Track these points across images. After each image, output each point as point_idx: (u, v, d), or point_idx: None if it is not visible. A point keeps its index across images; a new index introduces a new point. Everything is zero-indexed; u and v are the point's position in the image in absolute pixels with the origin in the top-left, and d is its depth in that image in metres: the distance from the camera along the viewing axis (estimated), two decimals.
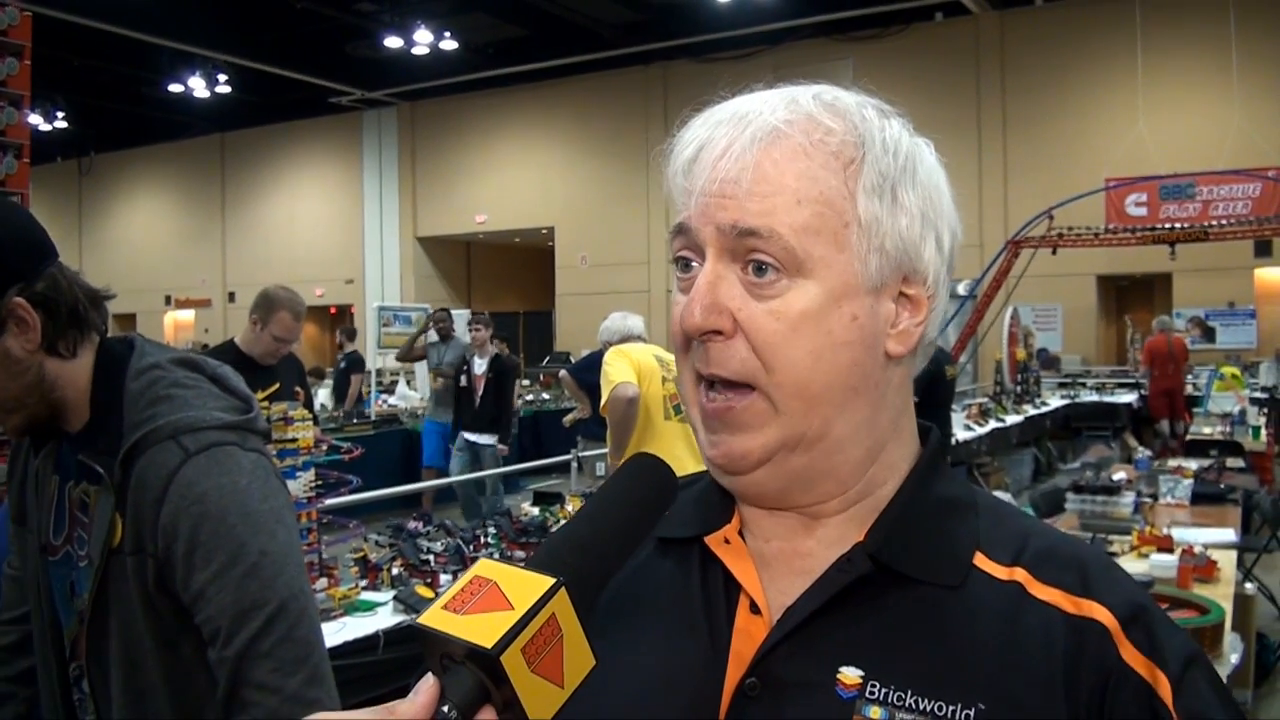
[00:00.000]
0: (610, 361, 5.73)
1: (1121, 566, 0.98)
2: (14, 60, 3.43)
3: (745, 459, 0.92)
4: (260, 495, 1.70)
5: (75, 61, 21.67)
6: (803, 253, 0.89)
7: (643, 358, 5.78)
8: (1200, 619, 3.65)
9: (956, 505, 0.97)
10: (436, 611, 0.76)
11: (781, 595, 0.92)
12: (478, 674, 0.73)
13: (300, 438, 4.09)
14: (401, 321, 15.64)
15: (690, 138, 0.95)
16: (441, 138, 27.24)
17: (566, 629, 0.76)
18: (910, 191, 0.94)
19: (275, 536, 1.68)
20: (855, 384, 0.92)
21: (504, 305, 28.77)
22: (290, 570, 1.69)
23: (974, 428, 11.35)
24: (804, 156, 0.90)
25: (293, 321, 5.00)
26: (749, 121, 0.91)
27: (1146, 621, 0.88)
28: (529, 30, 21.89)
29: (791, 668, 0.88)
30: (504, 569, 0.78)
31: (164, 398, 1.73)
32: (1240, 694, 5.13)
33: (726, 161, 0.90)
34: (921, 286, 0.95)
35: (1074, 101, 19.75)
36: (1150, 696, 0.84)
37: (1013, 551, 0.93)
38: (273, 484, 1.76)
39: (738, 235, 0.89)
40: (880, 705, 0.85)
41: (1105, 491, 6.08)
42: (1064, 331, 20.03)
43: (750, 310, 0.89)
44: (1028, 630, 0.87)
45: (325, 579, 4.19)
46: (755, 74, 0.98)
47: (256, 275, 26.09)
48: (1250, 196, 16.78)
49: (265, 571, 1.64)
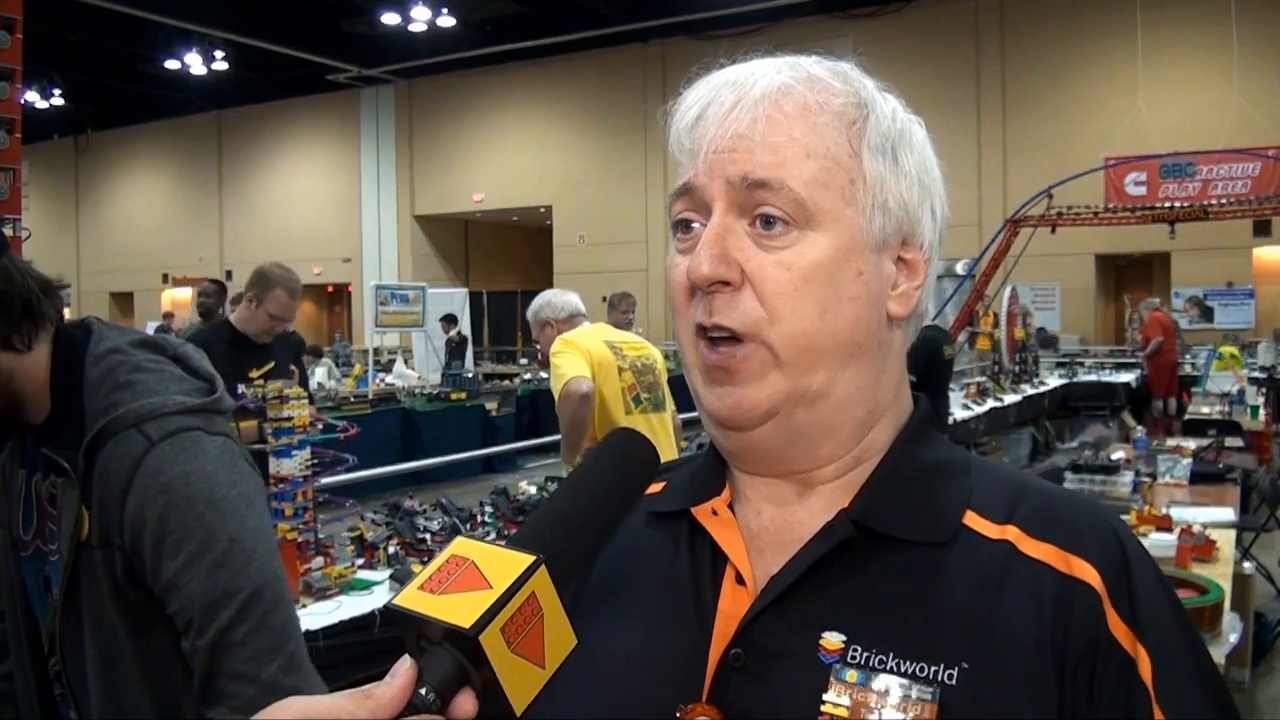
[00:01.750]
0: (559, 353, 4.96)
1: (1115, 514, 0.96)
2: (4, 33, 3.40)
3: (753, 410, 0.91)
4: (228, 481, 1.67)
5: (71, 39, 21.62)
6: (813, 205, 0.90)
7: (594, 346, 5.00)
8: (1199, 599, 3.65)
9: (947, 467, 0.97)
10: (412, 592, 0.74)
11: (768, 566, 0.92)
12: (456, 655, 0.71)
13: (296, 416, 4.07)
14: (399, 300, 15.60)
15: (694, 99, 0.95)
16: (439, 115, 27.20)
17: (547, 608, 0.74)
18: (909, 156, 0.96)
19: (245, 523, 1.65)
20: (860, 340, 0.92)
21: (502, 284, 28.78)
22: (262, 556, 1.65)
23: (972, 407, 11.32)
24: (811, 113, 0.92)
25: (288, 300, 4.97)
26: (755, 81, 0.92)
27: (1129, 584, 0.88)
28: (527, 7, 21.84)
29: (775, 637, 0.88)
30: (482, 547, 0.76)
31: (125, 384, 1.69)
32: (1238, 672, 5.15)
33: (737, 113, 0.91)
34: (919, 251, 0.97)
35: (1073, 80, 19.72)
36: (1131, 672, 0.84)
37: (1006, 509, 0.92)
38: (241, 467, 1.72)
39: (748, 187, 0.90)
40: (859, 669, 0.85)
41: (1104, 471, 6.07)
42: (1062, 311, 20.04)
43: (759, 261, 0.90)
44: (1016, 590, 0.87)
45: (321, 558, 4.18)
46: (754, 51, 0.98)
47: (254, 253, 26.09)
48: (1250, 176, 16.77)
49: (236, 559, 1.61)
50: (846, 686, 0.84)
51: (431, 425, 12.38)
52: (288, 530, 4.00)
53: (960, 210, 20.51)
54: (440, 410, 12.72)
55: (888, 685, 0.84)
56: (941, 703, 0.82)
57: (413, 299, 15.75)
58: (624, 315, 8.39)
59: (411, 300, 15.72)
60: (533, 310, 5.30)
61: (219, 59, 23.34)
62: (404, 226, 28.19)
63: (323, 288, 30.44)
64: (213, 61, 23.39)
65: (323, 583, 4.08)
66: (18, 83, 3.48)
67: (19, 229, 3.49)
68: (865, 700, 0.83)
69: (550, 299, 5.29)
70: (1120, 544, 0.90)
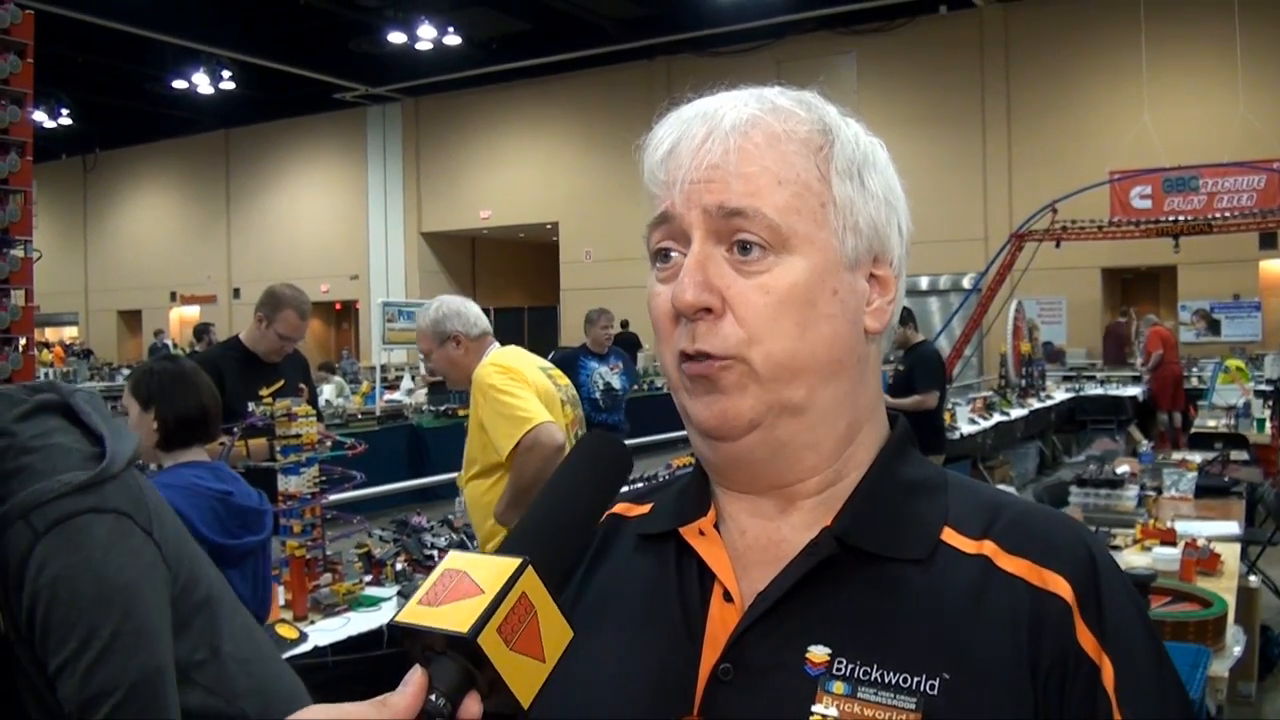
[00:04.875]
0: (508, 387, 3.94)
1: (1086, 526, 1.01)
2: (16, 58, 3.44)
3: (738, 419, 0.94)
4: (116, 568, 1.66)
5: (80, 59, 21.74)
6: (787, 229, 0.93)
7: (536, 377, 4.11)
8: (1202, 612, 3.65)
9: (925, 485, 1.00)
10: (413, 608, 0.78)
11: (754, 583, 0.95)
12: (460, 660, 0.76)
13: (304, 434, 4.10)
14: (406, 317, 15.63)
15: (664, 133, 0.99)
16: (446, 133, 27.27)
17: (539, 605, 0.79)
18: (874, 177, 0.99)
19: (129, 614, 1.65)
20: (839, 356, 0.96)
21: (509, 300, 28.81)
22: (145, 648, 1.66)
23: (978, 421, 11.31)
24: (780, 142, 0.95)
25: (298, 320, 5.00)
26: (723, 114, 0.96)
27: (1097, 596, 0.91)
28: (532, 25, 21.92)
29: (762, 651, 0.91)
30: (472, 558, 0.81)
31: (13, 471, 1.67)
32: (1244, 687, 5.14)
33: (709, 145, 0.94)
34: (889, 267, 1.00)
35: (1078, 94, 19.73)
36: (1095, 680, 0.88)
37: (982, 524, 0.96)
38: (132, 545, 1.71)
39: (724, 216, 0.93)
40: (845, 680, 0.88)
41: (1109, 485, 6.06)
42: (1068, 324, 20.00)
43: (739, 287, 0.93)
44: (993, 603, 0.90)
45: (330, 574, 4.20)
46: (758, 67, 1.02)
47: (261, 271, 26.18)
48: (1255, 189, 16.75)
49: (116, 655, 1.62)
50: (834, 698, 0.87)
51: (438, 442, 12.38)
52: (296, 547, 4.03)
53: (965, 225, 20.61)
54: (447, 426, 12.70)
55: (872, 696, 0.87)
56: (924, 712, 0.85)
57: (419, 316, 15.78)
58: (604, 331, 8.29)
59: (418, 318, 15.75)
60: (432, 320, 4.24)
61: (226, 78, 23.43)
62: (411, 243, 28.24)
63: (330, 305, 30.48)
64: (220, 81, 23.47)
65: (331, 599, 4.11)
66: (28, 106, 3.52)
67: (30, 250, 3.52)
68: (852, 711, 0.86)
69: (459, 308, 4.26)
70: (1092, 557, 0.94)
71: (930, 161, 20.35)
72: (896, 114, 20.54)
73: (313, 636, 3.78)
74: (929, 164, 20.26)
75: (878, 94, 20.77)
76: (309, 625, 3.90)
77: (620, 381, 8.14)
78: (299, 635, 3.71)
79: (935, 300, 20.48)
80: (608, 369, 8.08)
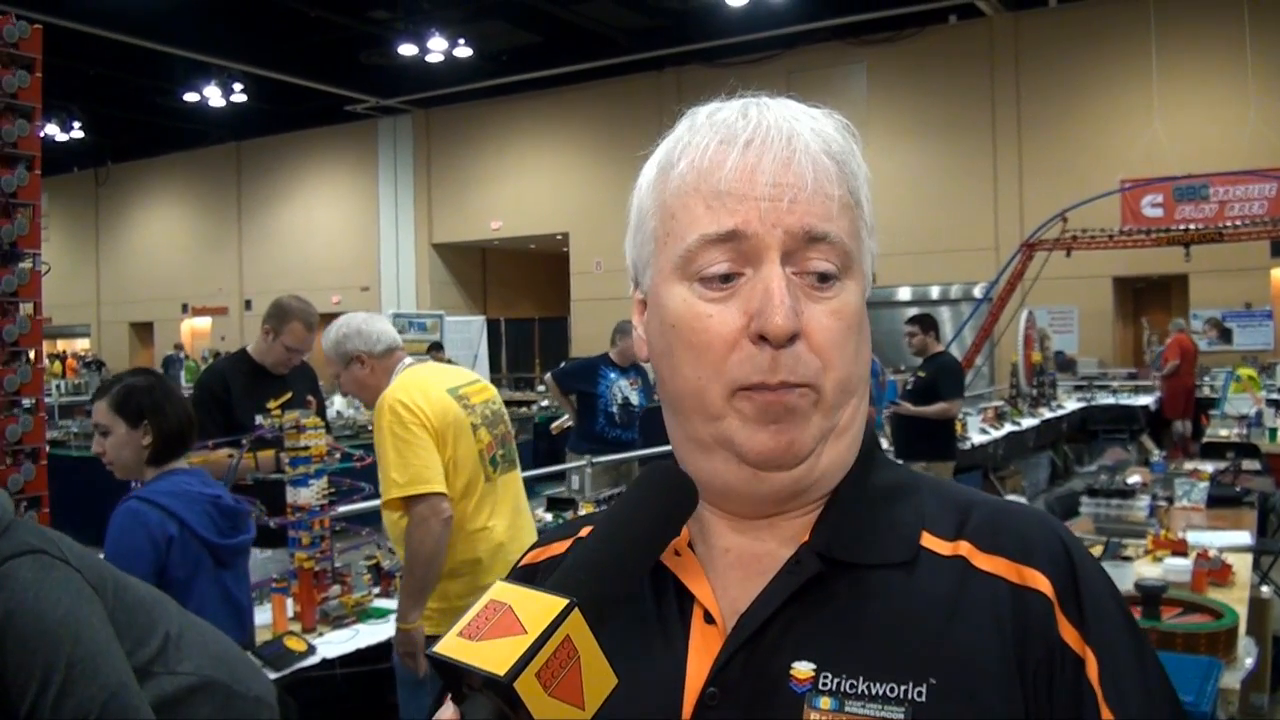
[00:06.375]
0: (403, 436, 3.64)
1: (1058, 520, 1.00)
2: (25, 73, 3.46)
3: (803, 448, 0.92)
4: (51, 601, 1.69)
5: (91, 72, 21.82)
6: (854, 256, 0.94)
7: (437, 404, 3.78)
8: (1214, 624, 3.63)
9: (898, 489, 1.00)
10: (452, 639, 0.75)
11: (735, 601, 0.94)
12: (495, 701, 0.73)
13: (313, 445, 4.11)
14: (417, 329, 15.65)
15: (706, 142, 0.94)
16: (456, 144, 27.31)
17: (583, 649, 0.75)
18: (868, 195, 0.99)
19: (79, 640, 1.68)
20: (865, 374, 0.97)
21: (519, 311, 28.83)
22: (103, 668, 1.68)
23: (990, 431, 11.27)
24: (836, 164, 0.94)
25: (305, 332, 5.02)
26: (798, 130, 0.93)
27: (1076, 589, 0.91)
28: (543, 37, 21.95)
29: (748, 672, 0.90)
30: (519, 591, 0.78)
31: None
32: (1257, 699, 5.10)
33: (795, 166, 0.91)
34: (870, 285, 1.00)
35: (1089, 103, 19.67)
36: (1079, 673, 0.88)
37: (955, 525, 0.95)
38: (57, 578, 1.73)
39: (807, 240, 0.91)
40: (831, 695, 0.87)
41: (1120, 495, 6.05)
42: (1080, 334, 19.94)
43: (812, 312, 0.91)
44: (974, 604, 0.90)
45: (339, 586, 4.21)
46: (768, 78, 1.01)
47: (273, 283, 26.22)
48: (1266, 197, 16.71)
49: (78, 683, 1.65)
50: (821, 714, 0.87)
51: None
52: (305, 559, 4.04)
53: (976, 234, 20.57)
54: None
55: (860, 708, 0.86)
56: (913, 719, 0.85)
57: (430, 327, 15.82)
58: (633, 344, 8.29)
59: (429, 328, 15.78)
60: (333, 341, 3.98)
61: (237, 91, 23.48)
62: (422, 255, 28.26)
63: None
64: (231, 94, 23.53)
65: (339, 611, 4.12)
66: (36, 120, 3.53)
67: (39, 263, 3.54)
68: None
69: (360, 326, 3.98)
70: (1067, 551, 0.94)
71: (940, 171, 20.33)
72: (906, 124, 20.54)
73: (321, 649, 3.79)
74: (939, 173, 20.23)
75: (888, 104, 20.77)
76: (317, 637, 3.91)
77: (638, 398, 8.11)
78: (307, 648, 3.71)
79: (946, 309, 20.40)
80: (627, 383, 8.07)
